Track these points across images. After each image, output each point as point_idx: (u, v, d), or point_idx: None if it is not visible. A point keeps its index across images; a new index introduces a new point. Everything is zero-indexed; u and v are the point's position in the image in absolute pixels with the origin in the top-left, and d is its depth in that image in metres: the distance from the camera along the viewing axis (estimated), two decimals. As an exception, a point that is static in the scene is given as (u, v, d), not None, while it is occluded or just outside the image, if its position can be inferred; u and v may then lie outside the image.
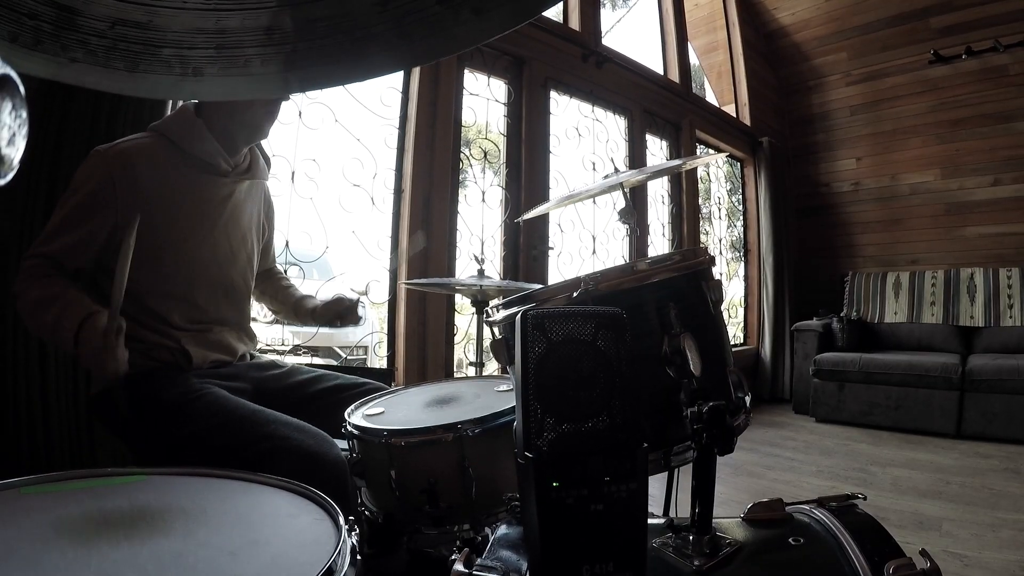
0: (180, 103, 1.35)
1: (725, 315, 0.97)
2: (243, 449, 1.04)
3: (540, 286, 0.86)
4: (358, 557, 0.60)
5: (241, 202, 1.36)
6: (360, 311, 1.55)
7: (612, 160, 1.92)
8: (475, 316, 1.87)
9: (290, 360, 1.60)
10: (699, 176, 4.52)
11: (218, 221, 1.30)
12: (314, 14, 0.46)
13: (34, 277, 1.12)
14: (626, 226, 1.57)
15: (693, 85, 4.35)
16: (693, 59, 4.57)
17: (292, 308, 1.58)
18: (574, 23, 3.38)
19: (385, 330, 2.58)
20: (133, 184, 1.15)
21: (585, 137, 3.44)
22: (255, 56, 0.48)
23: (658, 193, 4.07)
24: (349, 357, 3.50)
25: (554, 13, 3.35)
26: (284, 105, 1.34)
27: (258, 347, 1.48)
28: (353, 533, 0.61)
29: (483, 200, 2.89)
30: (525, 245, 3.00)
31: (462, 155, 2.79)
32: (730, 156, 4.92)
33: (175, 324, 1.23)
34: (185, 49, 0.47)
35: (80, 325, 1.03)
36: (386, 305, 2.57)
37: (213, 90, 0.53)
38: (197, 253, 1.26)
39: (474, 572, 0.64)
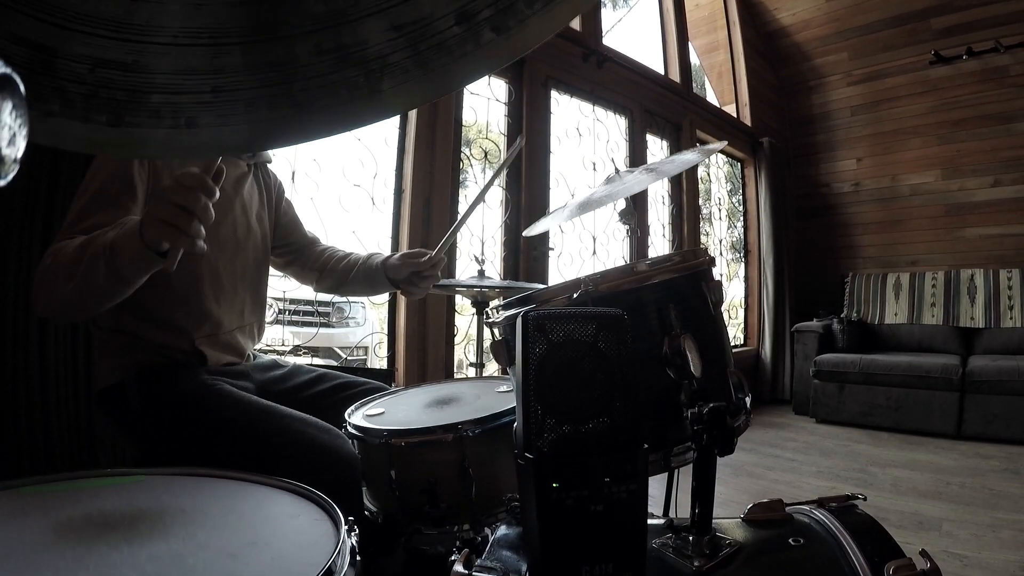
0: None
1: (725, 316, 0.97)
2: (256, 442, 1.03)
3: (541, 286, 0.86)
4: (358, 558, 0.60)
5: (251, 185, 1.35)
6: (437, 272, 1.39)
7: (612, 160, 1.92)
8: (475, 317, 1.87)
9: (290, 360, 1.59)
10: (699, 177, 4.52)
11: (235, 202, 1.28)
12: (323, 45, 0.42)
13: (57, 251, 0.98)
14: (626, 227, 1.57)
15: (694, 85, 4.35)
16: (694, 59, 4.57)
17: (361, 271, 1.45)
18: (575, 23, 3.38)
19: (385, 330, 2.58)
20: (153, 165, 1.13)
21: (586, 137, 3.44)
22: (260, 98, 0.43)
23: (658, 194, 4.07)
24: (349, 358, 3.50)
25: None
26: None
27: (258, 347, 1.48)
28: (353, 534, 0.61)
29: (483, 200, 2.88)
30: (525, 246, 3.00)
31: (463, 155, 2.79)
32: (730, 156, 4.91)
33: (187, 326, 1.21)
34: (176, 94, 0.42)
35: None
36: (386, 306, 2.57)
37: (211, 143, 0.47)
38: (213, 238, 1.23)
39: (473, 572, 0.64)
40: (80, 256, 0.92)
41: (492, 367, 2.28)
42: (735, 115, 4.81)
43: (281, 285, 2.22)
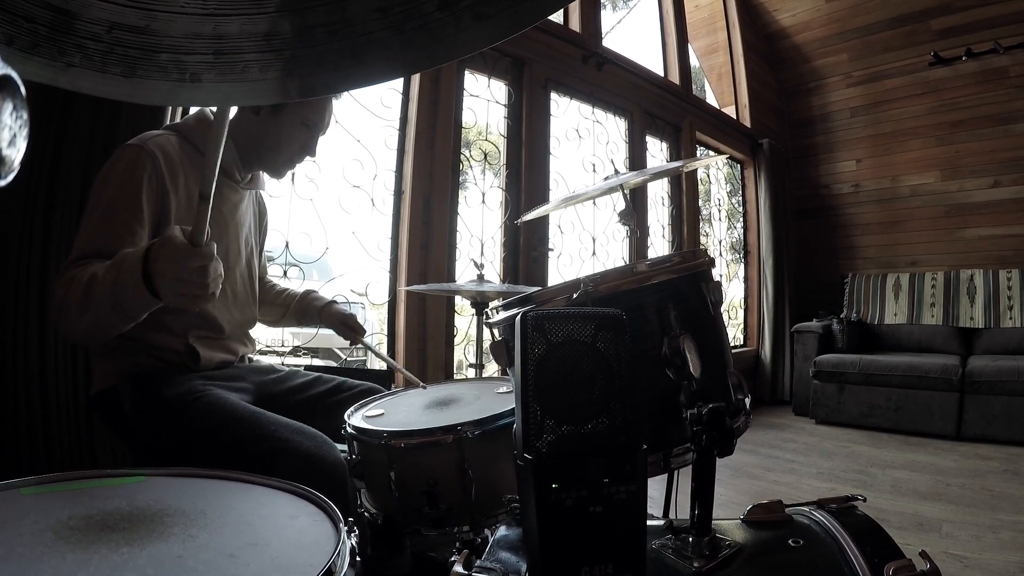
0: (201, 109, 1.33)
1: (725, 317, 0.97)
2: (244, 450, 1.04)
3: (540, 288, 0.86)
4: (357, 558, 0.60)
5: (245, 210, 1.37)
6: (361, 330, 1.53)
7: (612, 162, 1.92)
8: (475, 317, 1.86)
9: (290, 361, 1.59)
10: (699, 178, 4.52)
11: (229, 226, 1.30)
12: (313, 20, 0.45)
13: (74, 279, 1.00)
14: (626, 228, 1.58)
15: (693, 87, 4.36)
16: (693, 60, 4.57)
17: (296, 307, 1.56)
18: (574, 24, 3.38)
19: (385, 331, 2.58)
20: (162, 177, 1.13)
21: (585, 139, 3.45)
22: (254, 62, 0.47)
23: (658, 195, 4.08)
24: (349, 359, 3.50)
25: (554, 15, 3.35)
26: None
27: (257, 348, 1.48)
28: (352, 534, 0.61)
29: (483, 202, 2.89)
30: (525, 247, 3.00)
31: (462, 156, 2.79)
32: (730, 158, 4.92)
33: (183, 327, 1.22)
34: (183, 54, 0.46)
35: (146, 256, 0.87)
36: (386, 306, 2.57)
37: (211, 97, 0.52)
38: None
39: (473, 573, 0.64)
40: (88, 296, 0.94)
41: (492, 368, 2.28)
42: (735, 117, 4.81)
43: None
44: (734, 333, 5.01)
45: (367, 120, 2.45)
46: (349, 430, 1.09)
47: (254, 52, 0.47)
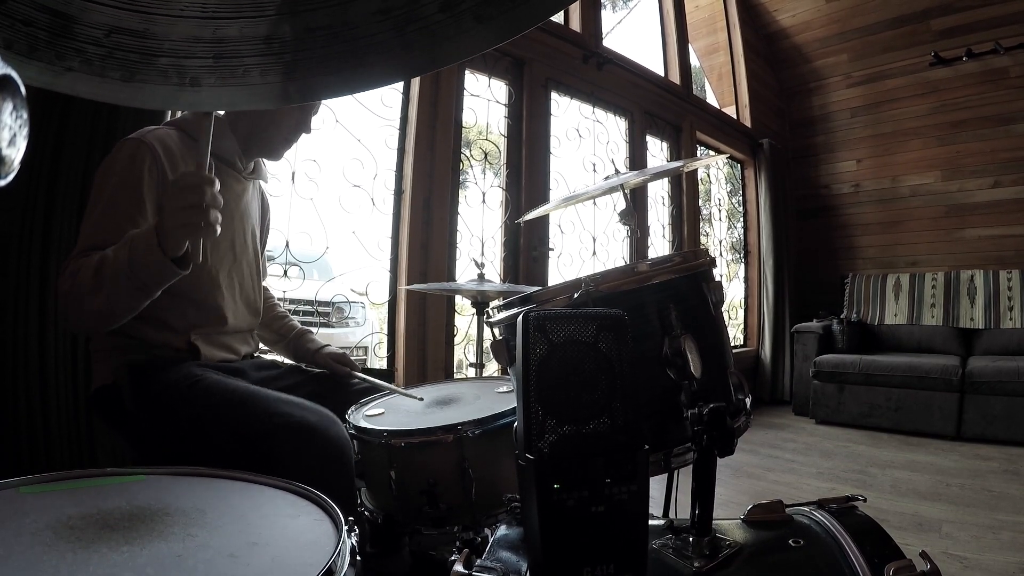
0: None
1: (725, 317, 0.97)
2: (245, 427, 1.02)
3: (540, 288, 0.86)
4: (358, 558, 0.60)
5: (250, 201, 1.37)
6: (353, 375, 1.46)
7: (613, 161, 1.92)
8: (475, 317, 1.86)
9: (288, 360, 1.59)
10: (699, 178, 4.52)
11: (234, 215, 1.29)
12: (314, 23, 0.45)
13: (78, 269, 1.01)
14: (626, 227, 1.58)
15: (694, 87, 4.35)
16: (694, 60, 4.57)
17: (292, 342, 1.52)
18: (575, 24, 3.38)
19: (385, 331, 2.58)
20: (162, 168, 1.13)
21: (586, 138, 3.45)
22: (254, 66, 0.47)
23: (658, 195, 4.07)
24: (349, 358, 3.50)
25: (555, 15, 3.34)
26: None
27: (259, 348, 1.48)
28: (353, 534, 0.61)
29: (483, 201, 2.89)
30: (525, 246, 3.00)
31: (462, 156, 2.79)
32: (730, 158, 4.92)
33: (184, 325, 1.22)
34: (182, 58, 0.46)
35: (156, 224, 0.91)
36: (386, 306, 2.57)
37: (211, 101, 0.52)
38: (213, 248, 1.23)
39: (474, 573, 0.64)
40: (100, 276, 0.95)
41: (492, 367, 2.28)
42: (735, 117, 4.81)
43: (281, 285, 2.22)
44: (734, 333, 5.01)
45: (367, 120, 2.45)
46: (350, 429, 1.09)
47: (254, 56, 0.46)
